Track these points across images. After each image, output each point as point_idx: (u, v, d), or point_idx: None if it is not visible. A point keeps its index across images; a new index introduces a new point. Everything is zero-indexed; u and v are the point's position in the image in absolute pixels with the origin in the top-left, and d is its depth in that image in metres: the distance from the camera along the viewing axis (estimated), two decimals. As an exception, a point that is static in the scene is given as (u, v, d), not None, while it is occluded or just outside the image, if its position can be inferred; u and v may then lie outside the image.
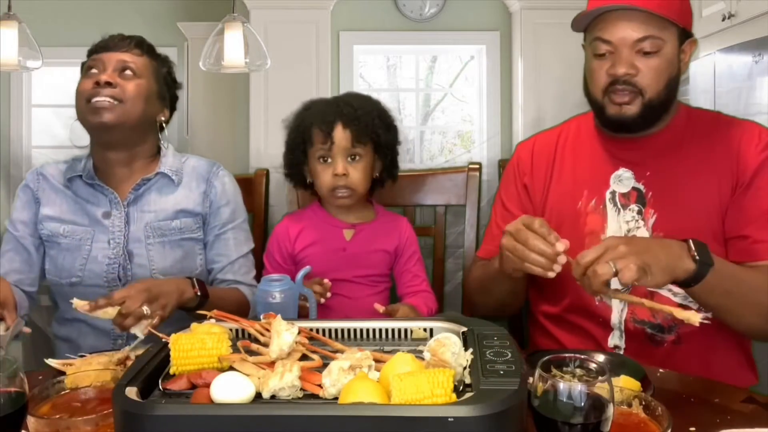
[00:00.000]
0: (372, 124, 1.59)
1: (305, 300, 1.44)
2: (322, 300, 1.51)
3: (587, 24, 1.37)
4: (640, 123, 1.35)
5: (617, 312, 1.37)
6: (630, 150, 1.40)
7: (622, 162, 1.40)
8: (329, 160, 1.58)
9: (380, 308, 1.43)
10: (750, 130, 1.38)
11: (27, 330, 1.31)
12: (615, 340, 1.38)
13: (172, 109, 1.66)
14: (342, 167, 1.56)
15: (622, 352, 1.37)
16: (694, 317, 1.05)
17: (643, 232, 1.36)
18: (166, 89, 1.62)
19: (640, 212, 1.36)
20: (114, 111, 1.48)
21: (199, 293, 1.41)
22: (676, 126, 1.40)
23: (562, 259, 1.16)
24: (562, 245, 1.17)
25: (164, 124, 1.61)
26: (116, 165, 1.56)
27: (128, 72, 1.53)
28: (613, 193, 1.39)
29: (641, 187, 1.38)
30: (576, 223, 1.41)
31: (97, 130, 1.52)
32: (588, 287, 1.12)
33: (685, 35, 1.35)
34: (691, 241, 1.18)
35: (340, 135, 1.56)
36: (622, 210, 1.38)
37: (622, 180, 1.39)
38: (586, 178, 1.43)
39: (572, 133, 1.51)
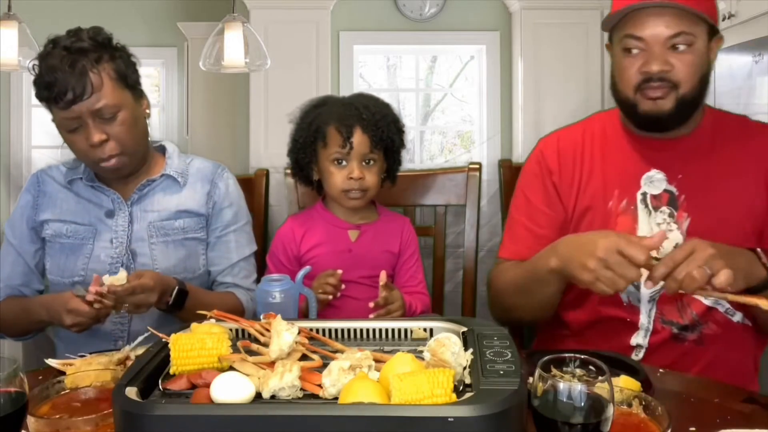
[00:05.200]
0: (387, 130, 1.59)
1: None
2: (338, 294, 1.52)
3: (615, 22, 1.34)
4: (675, 119, 1.33)
5: (645, 313, 1.36)
6: (661, 151, 1.38)
7: (653, 163, 1.38)
8: (344, 162, 1.57)
9: (383, 277, 1.47)
10: None
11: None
12: (639, 339, 1.37)
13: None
14: (359, 171, 1.56)
15: (643, 351, 1.36)
16: (765, 303, 1.05)
17: (677, 236, 1.33)
18: (135, 79, 1.51)
19: (671, 215, 1.35)
20: (118, 158, 1.47)
21: (170, 302, 1.40)
22: (704, 129, 1.38)
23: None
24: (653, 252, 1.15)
25: (148, 113, 1.56)
26: (121, 178, 1.56)
27: (107, 113, 1.43)
28: (645, 194, 1.37)
29: (674, 189, 1.36)
30: (606, 223, 1.39)
31: (105, 174, 1.53)
32: (670, 288, 1.11)
33: (712, 31, 1.33)
34: (759, 250, 1.18)
35: (359, 139, 1.56)
36: (653, 212, 1.36)
37: (654, 182, 1.37)
38: (617, 179, 1.40)
39: (597, 132, 1.47)
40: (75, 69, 1.39)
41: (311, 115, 1.61)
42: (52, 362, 1.21)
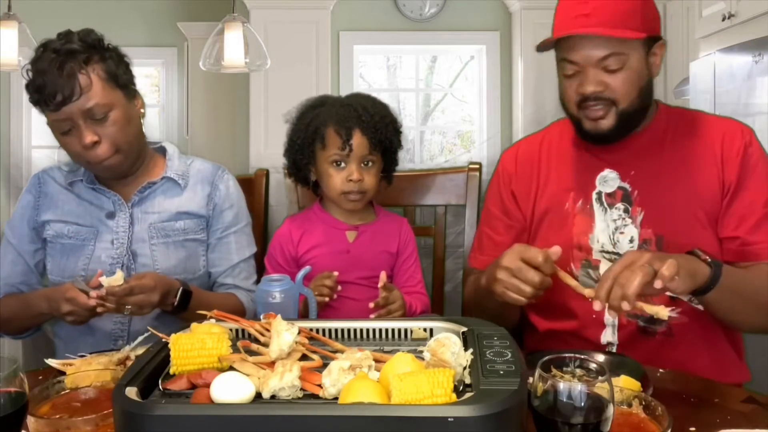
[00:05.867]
0: (386, 131, 1.58)
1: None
2: (335, 296, 1.52)
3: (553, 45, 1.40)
4: (617, 132, 1.37)
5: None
6: (613, 151, 1.42)
7: (606, 163, 1.42)
8: (343, 164, 1.56)
9: (383, 277, 1.47)
10: (731, 127, 1.39)
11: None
12: (608, 336, 1.40)
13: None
14: (358, 173, 1.55)
15: (615, 348, 1.39)
16: (663, 311, 1.08)
17: (632, 230, 1.38)
18: (127, 78, 1.51)
19: (626, 210, 1.39)
20: (112, 157, 1.46)
21: (175, 304, 1.41)
22: (656, 126, 1.42)
23: (556, 253, 1.21)
24: (554, 255, 1.21)
25: (143, 112, 1.57)
26: (119, 178, 1.57)
27: (98, 114, 1.42)
28: (599, 193, 1.42)
29: (627, 186, 1.40)
30: (564, 224, 1.43)
31: (102, 173, 1.53)
32: (616, 299, 1.11)
33: (653, 39, 1.36)
34: (696, 250, 1.21)
35: (359, 141, 1.54)
36: (608, 209, 1.40)
37: (608, 180, 1.42)
38: (572, 181, 1.45)
39: (555, 138, 1.53)
40: (63, 71, 1.39)
41: (308, 115, 1.60)
42: (52, 362, 1.21)
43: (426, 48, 4.91)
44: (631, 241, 1.37)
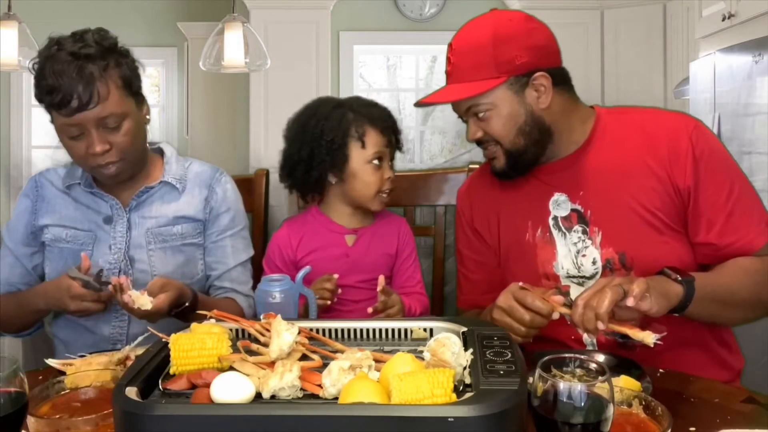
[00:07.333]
0: (398, 132, 1.66)
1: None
2: (335, 298, 1.52)
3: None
4: (514, 170, 1.38)
5: None
6: (557, 172, 1.39)
7: (555, 187, 1.40)
8: (380, 163, 1.58)
9: (382, 281, 1.47)
10: (675, 125, 1.35)
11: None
12: None
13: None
14: (390, 171, 1.60)
15: None
16: (648, 338, 1.08)
17: (593, 251, 1.35)
18: (138, 85, 1.48)
19: (585, 232, 1.36)
20: (117, 165, 1.44)
21: (177, 310, 1.40)
22: (596, 137, 1.39)
23: (556, 315, 1.20)
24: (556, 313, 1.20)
25: (148, 119, 1.54)
26: (117, 183, 1.55)
27: (112, 123, 1.40)
28: (555, 218, 1.40)
29: (579, 207, 1.37)
30: (528, 255, 1.41)
31: (101, 179, 1.51)
32: (589, 321, 1.11)
33: (525, 76, 1.32)
34: (666, 269, 1.21)
35: (392, 140, 1.61)
36: (567, 233, 1.38)
37: (560, 204, 1.39)
38: (527, 210, 1.43)
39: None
40: (82, 76, 1.35)
41: (334, 115, 1.58)
42: (52, 362, 1.21)
43: (426, 48, 4.91)
44: (594, 262, 1.34)
